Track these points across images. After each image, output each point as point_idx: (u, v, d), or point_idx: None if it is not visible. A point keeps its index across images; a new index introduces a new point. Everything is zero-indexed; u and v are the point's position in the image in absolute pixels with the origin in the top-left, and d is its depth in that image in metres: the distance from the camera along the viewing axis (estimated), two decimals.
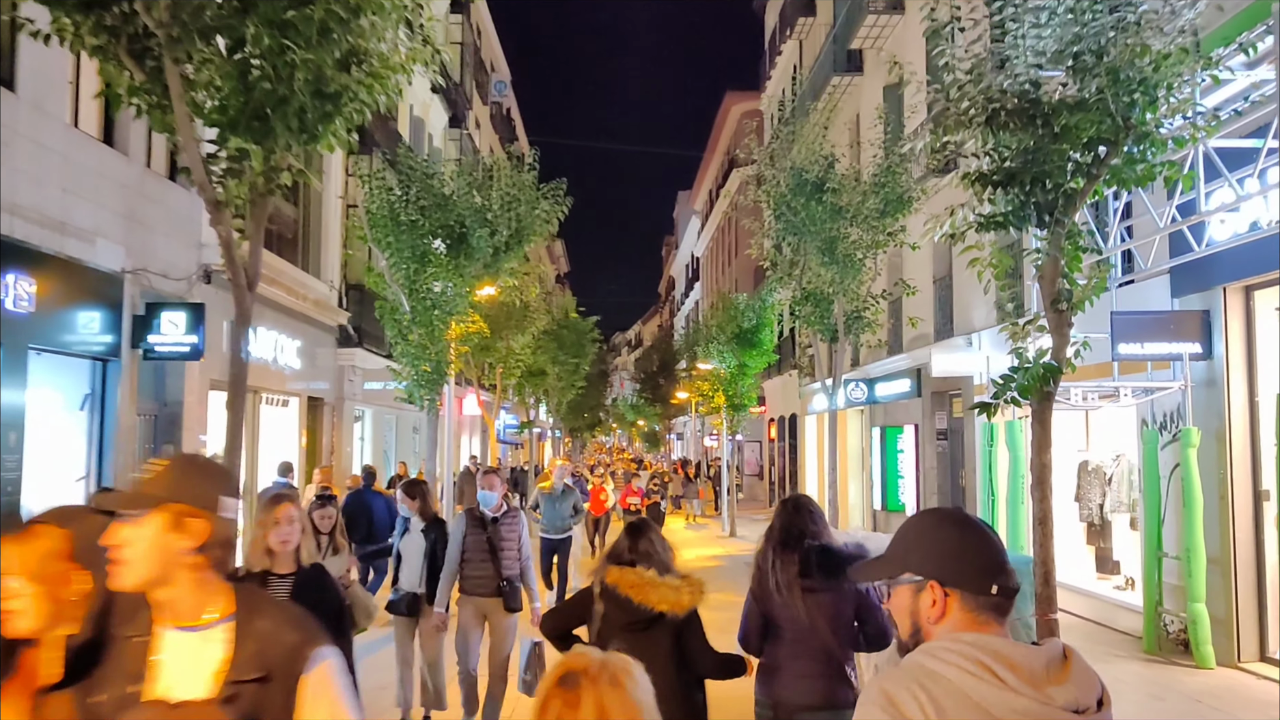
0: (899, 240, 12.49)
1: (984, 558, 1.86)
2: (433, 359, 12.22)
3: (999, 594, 1.83)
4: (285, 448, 17.19)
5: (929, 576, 1.85)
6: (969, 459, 16.53)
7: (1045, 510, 6.12)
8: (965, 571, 1.84)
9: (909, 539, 1.94)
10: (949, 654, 1.74)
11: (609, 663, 1.97)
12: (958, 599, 1.83)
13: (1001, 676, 1.70)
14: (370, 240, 12.43)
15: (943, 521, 1.94)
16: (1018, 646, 1.77)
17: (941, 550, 1.87)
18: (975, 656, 1.72)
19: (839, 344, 12.77)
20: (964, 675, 1.71)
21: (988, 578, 1.83)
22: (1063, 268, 6.19)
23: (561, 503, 13.14)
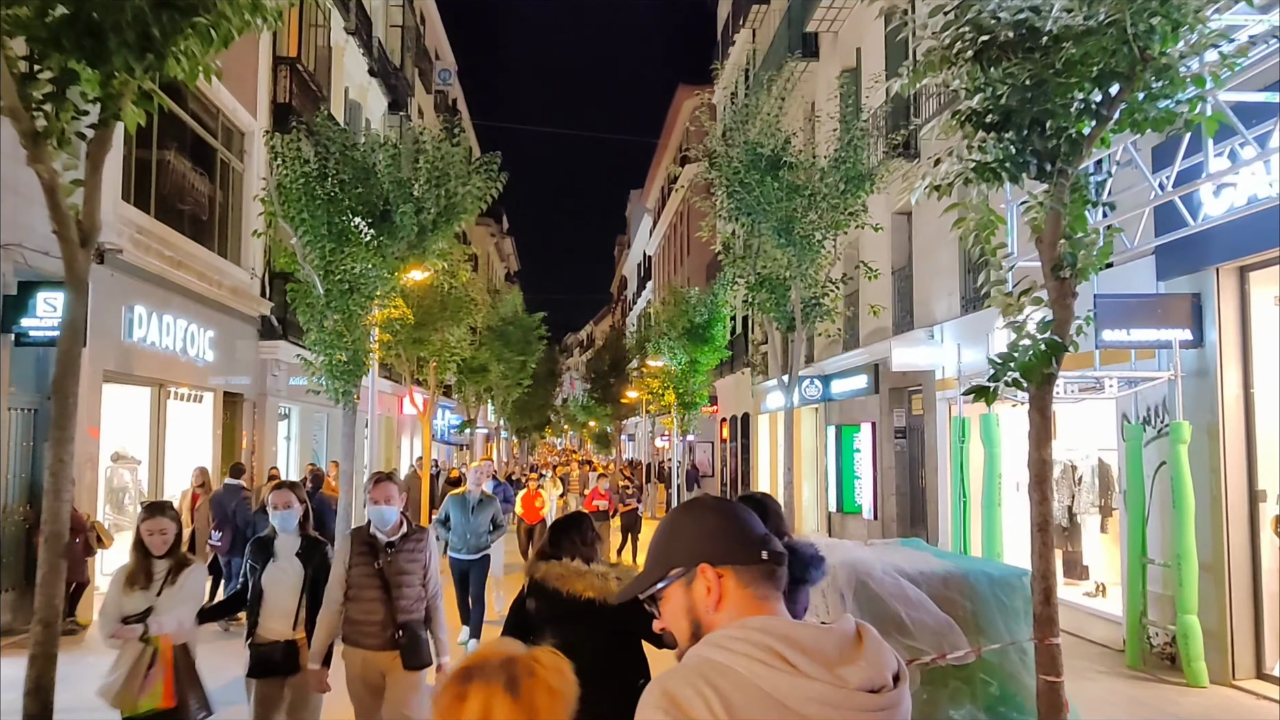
0: (860, 221, 11.55)
1: (745, 529, 1.80)
2: (349, 347, 11.03)
3: (770, 560, 1.77)
4: (198, 447, 15.87)
5: (698, 560, 1.77)
6: (930, 458, 15.68)
7: (1045, 515, 5.16)
8: (731, 546, 1.78)
9: (666, 538, 1.86)
10: (735, 642, 1.65)
11: (514, 662, 1.85)
12: (731, 576, 1.76)
13: (793, 661, 1.61)
14: (280, 217, 11.22)
15: (695, 508, 1.89)
16: (806, 627, 1.69)
17: (702, 533, 1.81)
18: (763, 643, 1.63)
19: (796, 334, 11.81)
20: (753, 664, 1.61)
21: (754, 546, 1.77)
22: (1065, 227, 5.23)
23: (478, 514, 10.57)
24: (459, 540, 10.56)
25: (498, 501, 10.99)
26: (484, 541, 10.63)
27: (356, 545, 5.46)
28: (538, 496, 16.42)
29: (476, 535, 10.55)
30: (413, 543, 5.49)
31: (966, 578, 5.55)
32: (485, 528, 10.61)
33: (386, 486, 5.51)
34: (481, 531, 10.57)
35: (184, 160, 15.17)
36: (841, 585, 5.55)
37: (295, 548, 5.57)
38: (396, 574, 5.37)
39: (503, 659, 1.85)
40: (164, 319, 13.78)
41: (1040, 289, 5.43)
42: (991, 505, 8.60)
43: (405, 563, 5.41)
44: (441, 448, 44.04)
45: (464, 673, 1.85)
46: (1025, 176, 5.27)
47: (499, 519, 10.83)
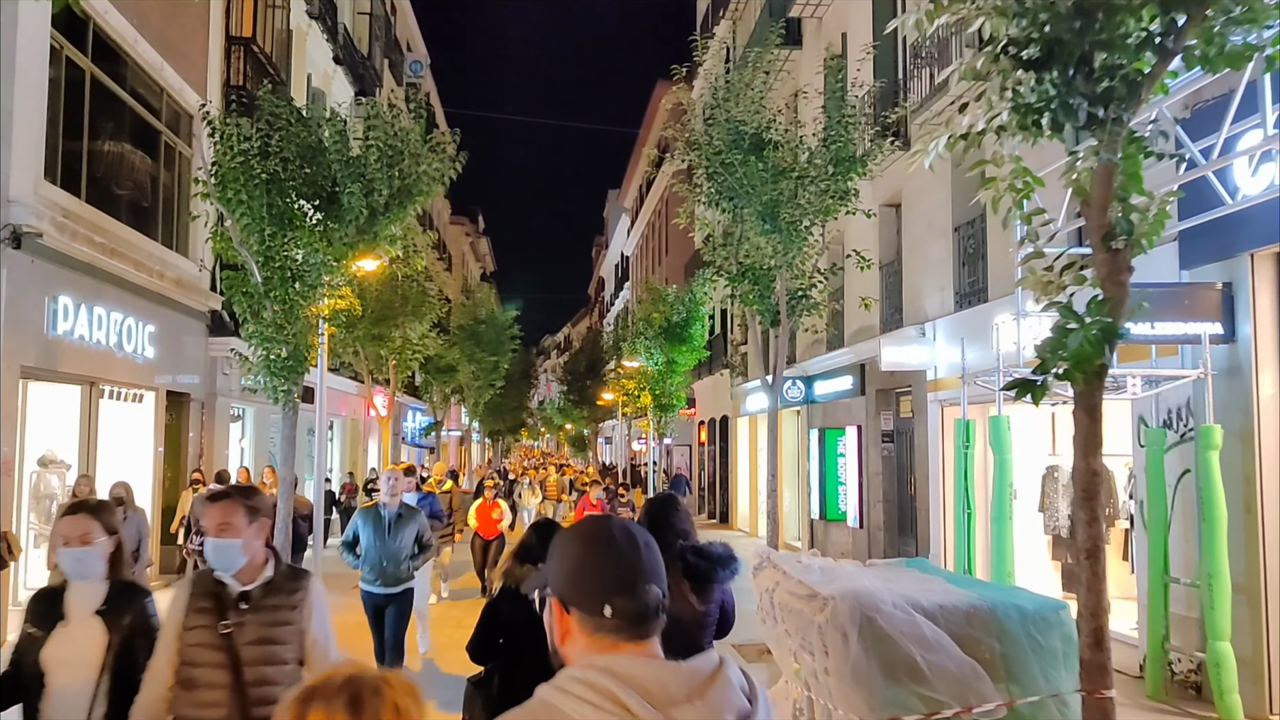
0: (850, 206, 10.63)
1: (601, 576, 1.70)
2: (289, 341, 10.00)
3: (615, 615, 1.67)
4: (138, 451, 14.77)
5: (553, 591, 1.76)
6: (921, 463, 14.79)
7: (1095, 538, 4.23)
8: (579, 590, 1.71)
9: (551, 551, 1.81)
10: (573, 684, 1.62)
11: (358, 680, 1.75)
12: (575, 619, 1.72)
13: (627, 704, 1.57)
14: (214, 198, 10.19)
15: (576, 534, 1.79)
16: (652, 667, 1.64)
17: (562, 566, 1.76)
18: (600, 685, 1.60)
19: (780, 329, 10.85)
20: (583, 706, 1.59)
21: (600, 598, 1.68)
22: (1118, 188, 4.29)
23: (396, 533, 8.21)
24: (372, 569, 8.22)
25: (423, 516, 8.63)
26: (404, 570, 8.28)
27: (195, 599, 3.55)
28: (494, 507, 14.59)
29: (395, 561, 8.21)
30: (281, 595, 3.59)
31: (994, 612, 4.61)
32: (406, 551, 8.26)
33: (229, 507, 3.59)
34: (401, 557, 8.23)
35: (122, 141, 14.07)
36: (844, 622, 4.59)
37: (96, 602, 3.66)
38: (252, 644, 3.48)
39: (346, 678, 1.77)
40: (95, 311, 12.67)
41: (1081, 266, 4.49)
42: (1001, 519, 7.69)
43: (267, 627, 3.53)
44: (412, 451, 43.01)
45: (305, 693, 1.76)
46: (1070, 126, 4.33)
47: (425, 538, 8.48)
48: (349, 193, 10.26)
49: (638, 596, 1.69)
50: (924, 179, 14.70)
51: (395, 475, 8.60)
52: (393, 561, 8.23)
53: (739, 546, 14.73)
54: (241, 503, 3.63)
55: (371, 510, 8.43)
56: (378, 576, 8.23)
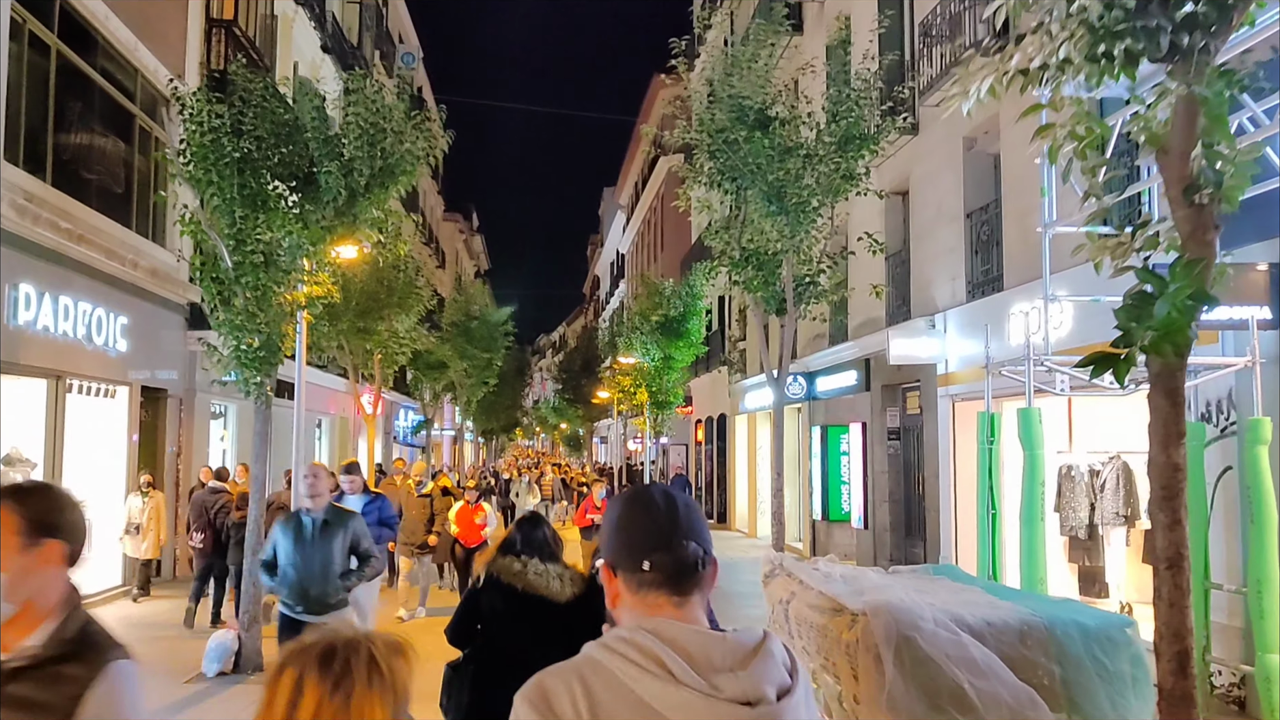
0: (860, 186, 9.98)
1: (638, 533, 1.76)
2: (261, 330, 9.34)
3: (653, 569, 1.72)
4: (111, 448, 14.09)
5: (602, 557, 1.83)
6: (930, 461, 14.15)
7: (1178, 545, 3.59)
8: (622, 549, 1.77)
9: (602, 521, 1.89)
10: (620, 643, 1.67)
11: (334, 640, 1.77)
12: (622, 580, 1.77)
13: (669, 666, 1.61)
14: (182, 177, 9.53)
15: (619, 501, 1.86)
16: (697, 634, 1.67)
17: (608, 529, 1.83)
18: (646, 646, 1.64)
19: (787, 318, 10.20)
20: (629, 666, 1.63)
21: (640, 554, 1.73)
22: (1200, 131, 3.64)
23: (322, 545, 6.57)
24: (291, 591, 6.57)
25: (359, 522, 6.89)
26: (333, 591, 6.57)
27: None
28: (477, 511, 12.98)
29: (320, 580, 6.50)
30: (45, 685, 2.05)
31: (1052, 631, 3.97)
32: (336, 566, 6.59)
33: None
34: (329, 574, 6.54)
35: (92, 123, 13.39)
36: (878, 642, 3.94)
37: None
38: None
39: (323, 638, 1.78)
40: (61, 301, 12.00)
41: (1159, 224, 3.85)
42: (1033, 520, 7.04)
43: None
44: (404, 450, 42.31)
45: (285, 653, 1.78)
46: (1147, 59, 3.67)
47: (364, 548, 6.77)
48: (326, 172, 9.61)
49: (674, 550, 1.73)
50: (933, 163, 14.08)
51: (316, 472, 6.81)
52: (317, 581, 6.49)
53: (739, 548, 14.01)
54: (13, 509, 2.14)
55: (292, 517, 6.80)
56: (298, 600, 6.54)
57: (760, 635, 1.71)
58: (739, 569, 18.12)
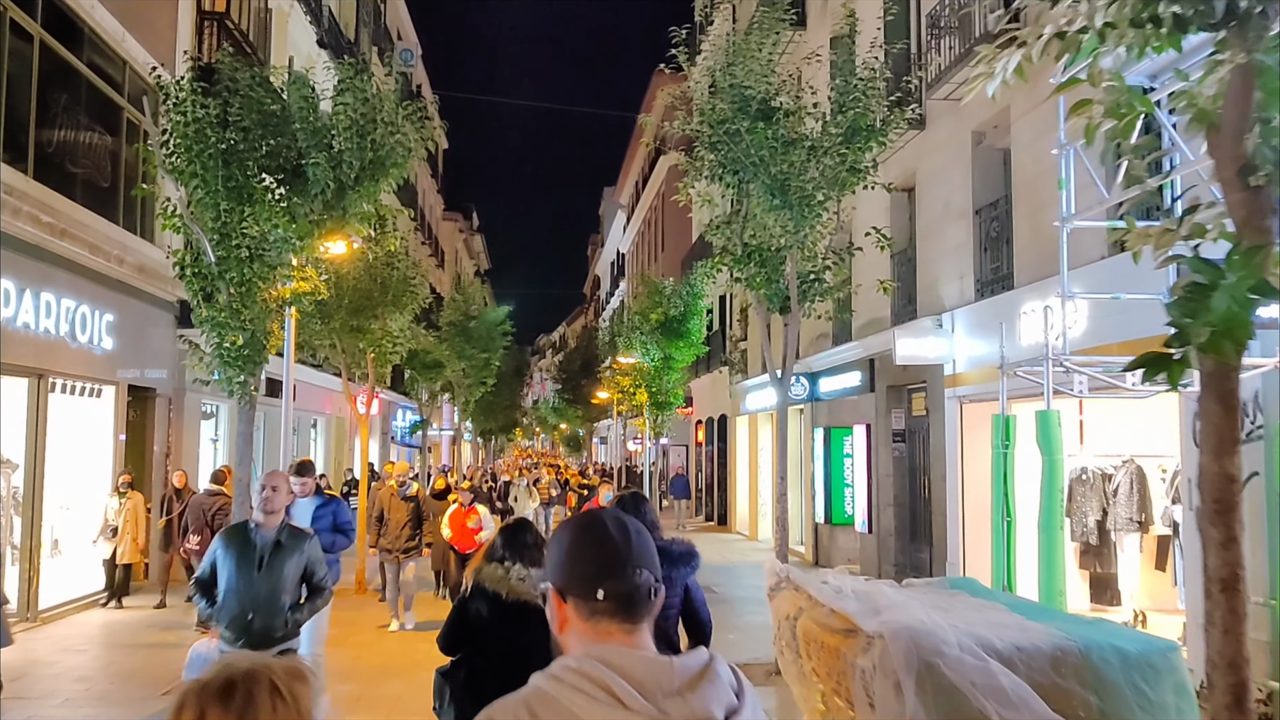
0: (866, 179, 9.63)
1: (591, 562, 1.76)
2: (246, 328, 8.99)
3: (606, 599, 1.72)
4: (97, 449, 13.74)
5: (550, 582, 1.81)
6: (936, 464, 13.80)
7: (1232, 563, 3.24)
8: (574, 576, 1.76)
9: (549, 545, 1.88)
10: (567, 672, 1.67)
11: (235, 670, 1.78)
12: (572, 606, 1.76)
13: (618, 694, 1.61)
14: (164, 170, 9.19)
15: (570, 526, 1.86)
16: (645, 658, 1.68)
17: (555, 557, 1.81)
18: (593, 674, 1.64)
19: (791, 316, 9.84)
20: (576, 695, 1.62)
21: (593, 582, 1.73)
22: (1256, 105, 3.28)
23: (271, 569, 5.51)
24: (232, 622, 5.45)
25: (314, 544, 5.73)
26: (283, 623, 5.50)
27: None
28: (470, 514, 12.13)
29: (269, 611, 5.44)
30: None
31: (1088, 656, 3.61)
32: (288, 595, 5.53)
33: None
34: (277, 604, 5.47)
35: (77, 116, 13.04)
36: (897, 668, 3.58)
37: None
38: None
39: (222, 672, 1.79)
40: (43, 297, 11.65)
41: (1209, 207, 3.49)
42: (1051, 528, 6.68)
43: None
44: (402, 451, 41.94)
45: (183, 692, 1.78)
46: (1197, 26, 3.31)
47: (319, 577, 5.69)
48: (313, 163, 9.26)
49: (628, 579, 1.74)
50: (941, 159, 13.73)
51: (275, 483, 5.64)
52: (263, 611, 5.42)
53: (739, 551, 13.52)
54: None
55: (237, 532, 5.63)
56: (239, 633, 5.41)
57: (706, 658, 1.72)
58: (739, 573, 17.78)
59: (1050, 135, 10.88)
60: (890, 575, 15.64)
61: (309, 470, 8.46)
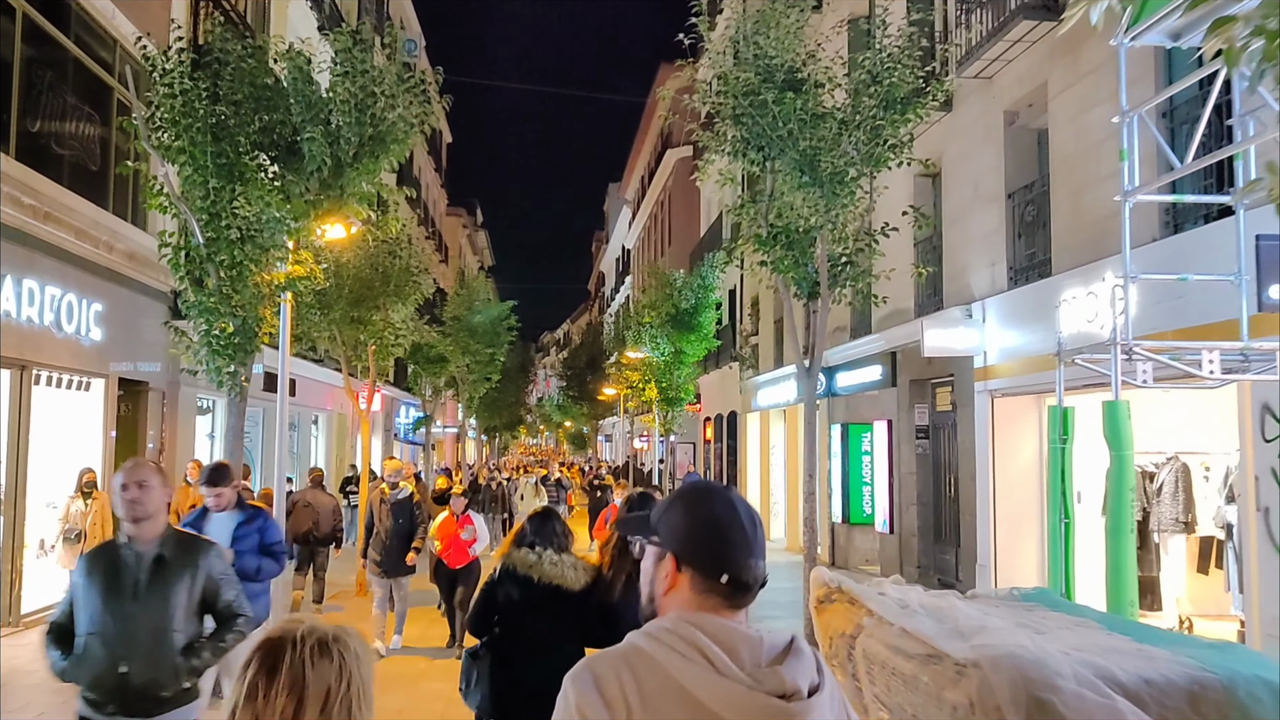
0: (902, 156, 8.99)
1: (723, 547, 1.81)
2: (237, 314, 8.37)
3: (729, 584, 1.80)
4: (85, 444, 13.12)
5: (669, 549, 1.85)
6: (965, 461, 13.15)
7: None
8: (702, 553, 1.82)
9: (665, 509, 1.92)
10: (665, 634, 1.74)
11: (315, 630, 1.86)
12: (688, 578, 1.81)
13: (712, 659, 1.69)
14: (150, 146, 8.58)
15: (697, 500, 1.89)
16: (738, 631, 1.76)
17: (685, 529, 1.84)
18: (691, 638, 1.71)
19: (820, 302, 9.19)
20: (672, 656, 1.70)
21: (720, 566, 1.80)
22: None
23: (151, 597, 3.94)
24: (102, 681, 3.90)
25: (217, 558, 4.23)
26: (175, 673, 3.95)
27: None
28: (464, 524, 10.40)
29: (151, 658, 3.89)
30: None
31: (1233, 692, 2.98)
32: (181, 632, 4.00)
33: None
34: (163, 648, 3.94)
35: (64, 95, 12.42)
36: (1002, 704, 2.96)
37: None
38: None
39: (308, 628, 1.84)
40: (25, 284, 11.03)
41: None
42: (1121, 532, 6.00)
43: None
44: (405, 449, 41.34)
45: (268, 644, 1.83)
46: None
47: (230, 604, 4.18)
48: (309, 138, 8.64)
49: (751, 569, 1.81)
50: (969, 141, 13.07)
51: (142, 478, 3.99)
52: (141, 658, 3.86)
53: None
54: None
55: (102, 552, 4.10)
56: (110, 695, 3.87)
57: (790, 636, 1.80)
58: None
59: (1094, 110, 10.25)
60: (913, 577, 15.00)
61: (224, 477, 6.41)
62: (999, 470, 12.17)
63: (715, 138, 9.04)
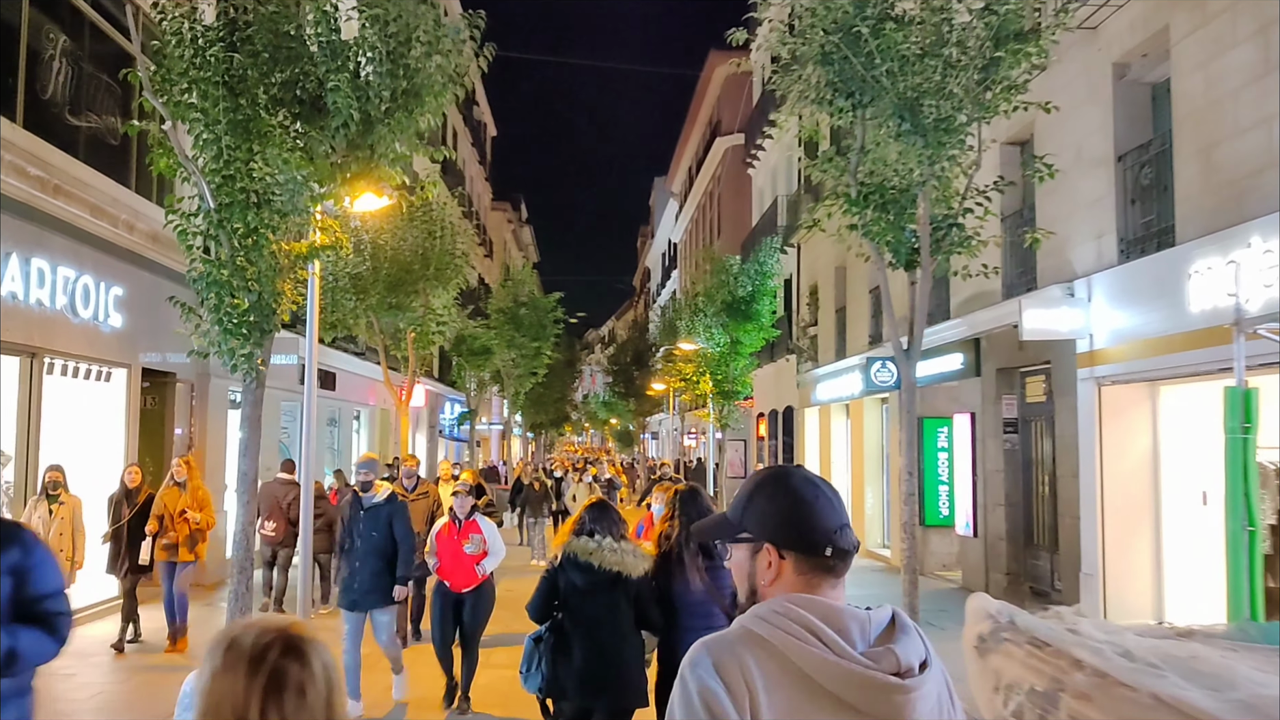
0: (1014, 97, 7.72)
1: (819, 521, 1.84)
2: (252, 288, 7.34)
3: (833, 556, 1.82)
4: (107, 439, 12.25)
5: (764, 540, 1.85)
6: (1065, 457, 11.81)
7: None
8: (798, 535, 1.83)
9: (745, 503, 1.91)
10: (777, 618, 1.74)
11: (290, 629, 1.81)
12: (791, 562, 1.83)
13: (825, 640, 1.70)
14: (155, 100, 7.57)
15: (779, 485, 1.89)
16: (844, 611, 1.76)
17: (776, 516, 1.86)
18: (803, 619, 1.72)
19: (921, 271, 7.94)
20: (788, 639, 1.71)
21: (822, 542, 1.82)
22: None
23: None
24: None
25: None
26: None
27: None
28: (467, 533, 7.78)
29: None
30: None
31: None
32: None
33: None
34: None
35: (79, 61, 11.52)
36: None
37: None
38: None
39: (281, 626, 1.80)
40: (33, 263, 10.14)
41: None
42: None
43: None
44: (450, 446, 40.55)
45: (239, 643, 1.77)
46: None
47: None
48: (333, 87, 7.57)
49: (848, 537, 1.84)
50: (1069, 99, 11.70)
51: None
52: None
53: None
54: None
55: None
56: None
57: (891, 611, 1.80)
58: None
59: (1229, 54, 8.91)
60: (1001, 584, 13.67)
61: None
62: (1107, 466, 10.83)
63: (797, 81, 7.77)
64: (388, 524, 7.84)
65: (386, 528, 7.83)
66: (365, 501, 7.98)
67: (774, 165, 31.54)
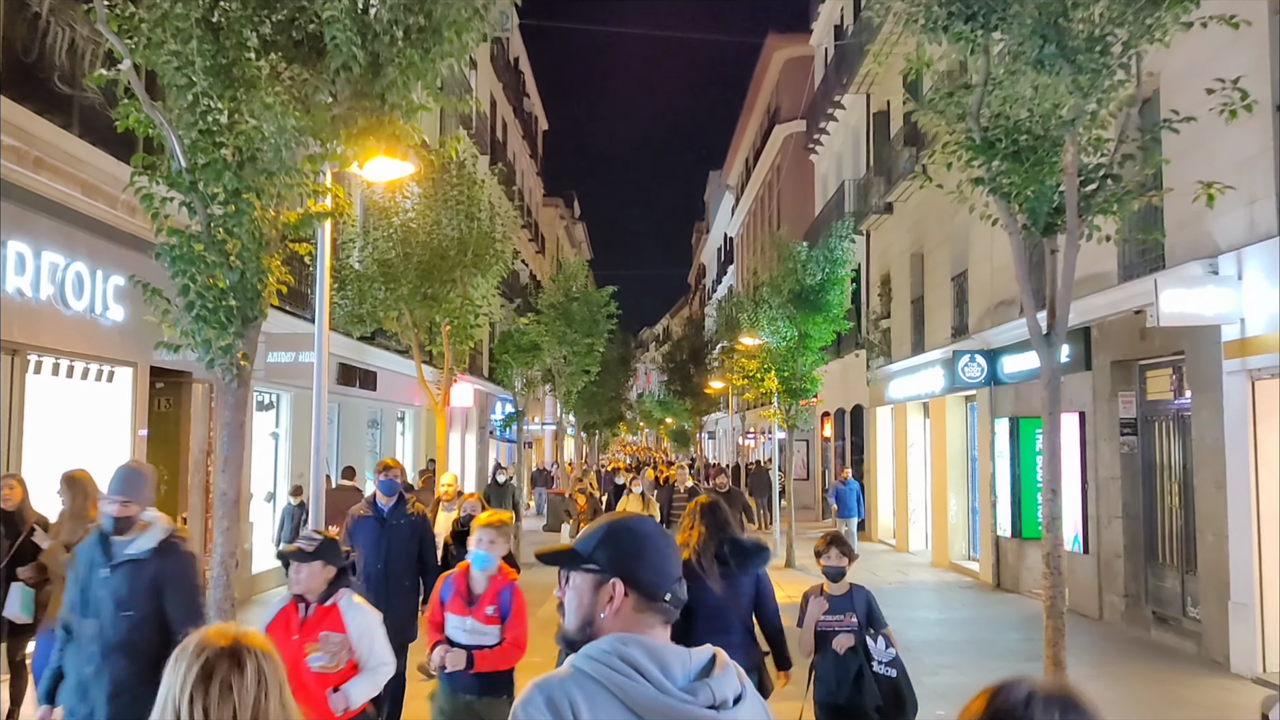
0: (1175, 24, 6.09)
1: (667, 569, 1.99)
2: (232, 265, 5.96)
3: (670, 602, 1.96)
4: (110, 445, 11.02)
5: (613, 574, 1.95)
6: (1209, 461, 10.05)
7: None
8: (650, 575, 1.95)
9: (603, 536, 2.00)
10: (606, 656, 1.82)
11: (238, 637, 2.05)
12: (632, 600, 1.93)
13: (650, 677, 1.79)
14: (111, 35, 6.21)
15: (641, 530, 2.03)
16: (671, 648, 1.88)
17: (634, 553, 1.97)
18: (630, 657, 1.81)
19: (1067, 237, 6.26)
20: (614, 675, 1.79)
21: (665, 587, 1.96)
22: None
23: None
24: None
25: None
26: None
27: None
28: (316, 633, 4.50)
29: None
30: None
31: None
32: None
33: None
34: None
35: (70, 23, 10.29)
36: None
37: None
38: None
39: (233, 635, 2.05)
40: (10, 247, 8.89)
41: None
42: None
43: None
44: (501, 448, 39.34)
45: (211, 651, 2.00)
46: None
47: None
48: (330, 19, 6.15)
49: (684, 587, 2.01)
50: (1209, 42, 9.91)
51: None
52: None
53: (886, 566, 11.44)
54: None
55: None
56: None
57: (712, 651, 1.92)
58: (906, 600, 14.29)
59: None
60: (1118, 609, 11.92)
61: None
62: (1263, 475, 9.09)
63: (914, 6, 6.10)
64: None
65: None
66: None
67: (839, 149, 29.80)
